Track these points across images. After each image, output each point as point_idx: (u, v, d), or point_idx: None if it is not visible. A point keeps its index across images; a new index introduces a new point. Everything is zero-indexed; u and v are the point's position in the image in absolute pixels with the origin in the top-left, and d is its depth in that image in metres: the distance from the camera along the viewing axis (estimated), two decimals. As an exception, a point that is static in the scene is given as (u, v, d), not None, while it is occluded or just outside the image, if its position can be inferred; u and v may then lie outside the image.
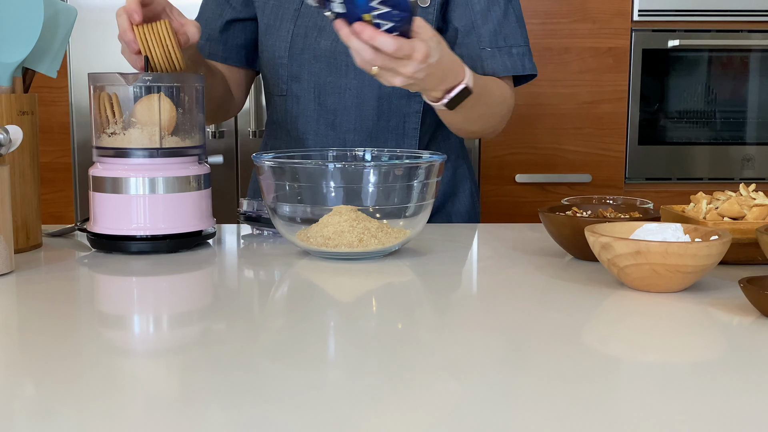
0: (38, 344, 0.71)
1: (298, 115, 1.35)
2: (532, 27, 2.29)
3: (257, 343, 0.72)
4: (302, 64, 1.32)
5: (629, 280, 0.88)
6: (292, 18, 1.32)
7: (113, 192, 1.05)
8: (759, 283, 0.82)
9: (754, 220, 0.97)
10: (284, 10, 1.33)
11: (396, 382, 0.62)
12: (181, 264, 1.02)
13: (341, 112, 1.33)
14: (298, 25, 1.31)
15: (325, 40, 1.31)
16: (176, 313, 0.84)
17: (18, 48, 1.05)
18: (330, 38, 1.30)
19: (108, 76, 1.07)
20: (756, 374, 0.64)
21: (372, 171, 1.01)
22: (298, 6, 1.32)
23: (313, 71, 1.32)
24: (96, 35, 2.19)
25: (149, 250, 1.06)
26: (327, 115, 1.33)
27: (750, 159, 2.39)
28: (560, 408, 0.57)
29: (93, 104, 1.07)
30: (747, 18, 2.31)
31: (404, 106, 1.33)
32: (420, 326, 0.79)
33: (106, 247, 1.07)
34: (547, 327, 0.77)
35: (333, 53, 1.31)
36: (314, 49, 1.31)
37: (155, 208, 1.05)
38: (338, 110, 1.33)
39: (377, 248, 1.01)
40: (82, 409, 0.57)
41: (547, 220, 1.04)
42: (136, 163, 1.05)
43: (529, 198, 2.34)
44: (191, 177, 1.08)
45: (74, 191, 2.28)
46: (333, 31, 1.27)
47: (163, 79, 1.07)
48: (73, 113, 2.24)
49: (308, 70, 1.33)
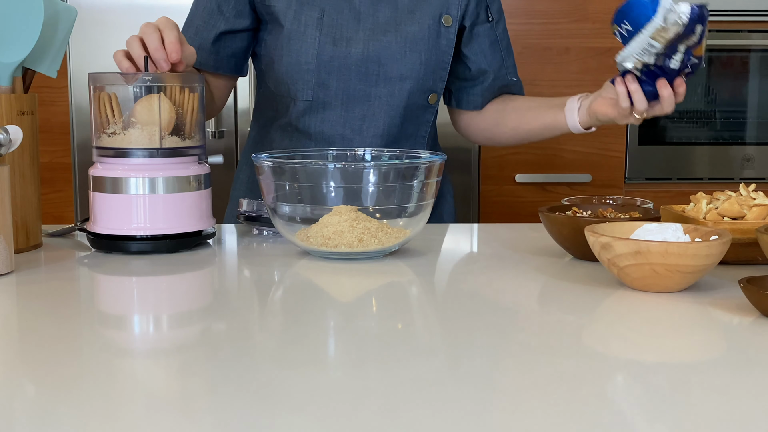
0: (38, 344, 0.71)
1: (324, 120, 1.37)
2: (532, 27, 2.29)
3: (257, 343, 0.72)
4: (330, 72, 1.35)
5: (629, 280, 0.88)
6: (317, 25, 1.33)
7: (113, 192, 1.05)
8: (759, 283, 0.82)
9: (754, 220, 0.97)
10: (307, 17, 1.34)
11: (396, 382, 0.62)
12: (181, 264, 1.02)
13: (369, 118, 1.36)
14: (324, 33, 1.33)
15: (355, 48, 1.34)
16: (176, 313, 0.84)
17: (18, 48, 1.05)
18: (359, 46, 1.34)
19: (108, 76, 1.07)
20: (756, 374, 0.64)
21: (372, 171, 1.01)
22: (319, 15, 1.34)
23: (343, 79, 1.35)
24: (96, 35, 2.19)
25: (149, 250, 1.06)
26: (354, 121, 1.36)
27: (750, 159, 2.39)
28: (560, 408, 0.57)
29: (93, 104, 1.07)
30: (747, 18, 2.31)
31: (421, 114, 1.40)
32: (420, 326, 0.79)
33: (106, 247, 1.07)
34: (546, 327, 0.77)
35: (365, 61, 1.34)
36: (345, 57, 1.34)
37: (155, 208, 1.05)
38: (366, 116, 1.36)
39: (377, 248, 1.01)
40: (82, 409, 0.57)
41: (547, 220, 1.04)
42: (136, 163, 1.05)
43: (529, 198, 2.34)
44: (191, 177, 1.08)
45: (74, 191, 2.28)
46: (363, 40, 1.35)
47: (163, 79, 1.07)
48: (73, 113, 2.24)
49: (337, 77, 1.35)
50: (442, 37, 1.37)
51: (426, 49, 1.36)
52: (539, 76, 2.31)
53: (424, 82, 1.37)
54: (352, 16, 1.35)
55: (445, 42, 1.37)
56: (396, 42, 1.35)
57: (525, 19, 2.28)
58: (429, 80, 1.37)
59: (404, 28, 1.36)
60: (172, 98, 1.07)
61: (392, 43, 1.35)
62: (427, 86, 1.37)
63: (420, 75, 1.36)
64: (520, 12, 2.27)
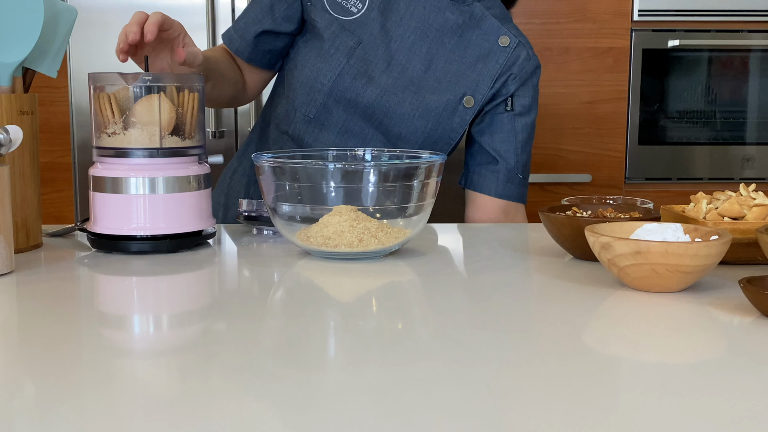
0: (38, 344, 0.71)
1: (317, 138, 1.39)
2: (533, 27, 2.29)
3: (257, 343, 0.72)
4: (339, 101, 1.36)
5: (629, 280, 0.88)
6: (346, 54, 1.35)
7: (113, 192, 1.05)
8: (759, 283, 0.82)
9: (754, 220, 0.97)
10: (341, 42, 1.35)
11: (396, 382, 0.62)
12: (181, 264, 1.02)
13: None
14: (350, 63, 1.34)
15: (371, 91, 1.35)
16: (176, 313, 0.84)
17: (18, 48, 1.05)
18: (376, 92, 1.35)
19: (108, 76, 1.07)
20: (756, 374, 0.64)
21: (372, 171, 1.01)
22: (354, 45, 1.35)
23: (349, 112, 1.36)
24: (96, 35, 2.19)
25: (149, 250, 1.06)
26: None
27: (750, 159, 2.39)
28: (560, 408, 0.57)
29: (93, 104, 1.07)
30: (747, 18, 2.31)
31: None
32: (420, 326, 0.79)
33: (106, 247, 1.07)
34: (547, 327, 0.77)
35: (373, 107, 1.35)
36: (358, 95, 1.35)
37: (155, 208, 1.05)
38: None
39: (377, 248, 1.01)
40: (82, 409, 0.57)
41: (547, 220, 1.04)
42: (136, 163, 1.05)
43: (529, 198, 2.33)
44: (191, 177, 1.08)
45: (74, 191, 2.28)
46: (379, 85, 1.35)
47: (163, 79, 1.07)
48: (73, 113, 2.24)
49: (344, 108, 1.36)
50: (457, 115, 1.37)
51: (434, 122, 1.36)
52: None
53: (421, 148, 1.37)
54: (384, 59, 1.36)
55: (459, 121, 1.38)
56: (410, 103, 1.36)
57: (525, 19, 2.27)
58: (426, 149, 1.37)
59: (424, 94, 1.37)
60: (172, 98, 1.07)
61: (406, 103, 1.36)
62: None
63: (418, 141, 1.37)
64: (521, 12, 2.26)
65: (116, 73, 1.07)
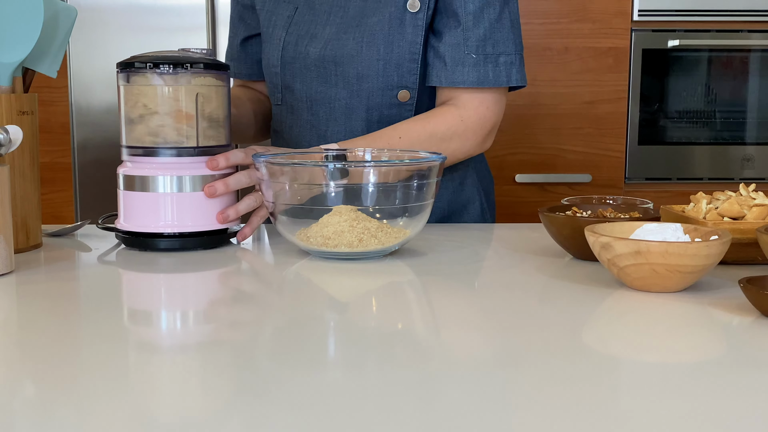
0: (38, 344, 0.71)
1: (292, 125, 1.33)
2: (532, 27, 2.29)
3: (257, 343, 0.72)
4: (294, 74, 1.29)
5: (629, 280, 0.88)
6: (284, 25, 1.29)
7: (141, 190, 1.07)
8: (759, 283, 0.82)
9: (754, 220, 0.97)
10: (278, 17, 1.31)
11: (396, 382, 0.62)
12: (180, 264, 1.02)
13: (332, 123, 1.29)
14: (290, 32, 1.28)
15: (314, 47, 1.26)
16: (175, 313, 0.84)
17: (18, 48, 1.05)
18: (319, 45, 1.26)
19: (138, 71, 1.07)
20: (756, 374, 0.64)
21: (372, 171, 1.01)
22: (291, 12, 1.29)
23: (305, 81, 1.28)
24: (96, 35, 2.19)
25: (177, 248, 1.08)
26: (319, 126, 1.30)
27: (750, 159, 2.39)
28: (560, 408, 0.57)
29: (123, 100, 1.08)
30: (747, 18, 2.31)
31: (395, 114, 1.27)
32: (420, 326, 0.79)
33: (135, 244, 1.08)
34: (547, 327, 0.77)
35: (322, 61, 1.26)
36: (304, 57, 1.27)
37: (182, 206, 1.07)
38: (329, 121, 1.29)
39: (377, 248, 1.01)
40: (82, 409, 0.57)
41: (547, 220, 1.04)
42: (164, 161, 1.07)
43: (529, 198, 2.34)
44: (217, 175, 1.09)
45: (74, 191, 2.28)
46: (323, 37, 1.25)
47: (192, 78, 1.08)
48: (73, 113, 2.24)
49: (300, 79, 1.29)
50: (407, 25, 1.21)
51: (385, 43, 1.22)
52: (539, 76, 2.30)
53: (387, 79, 1.24)
54: (324, 10, 1.27)
55: (411, 30, 1.21)
56: (353, 39, 1.23)
57: (525, 19, 2.27)
58: (393, 76, 1.23)
59: (366, 21, 1.23)
60: (201, 97, 1.08)
61: (349, 41, 1.23)
62: (392, 83, 1.24)
63: (379, 72, 1.23)
64: (520, 12, 2.26)
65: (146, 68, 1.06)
